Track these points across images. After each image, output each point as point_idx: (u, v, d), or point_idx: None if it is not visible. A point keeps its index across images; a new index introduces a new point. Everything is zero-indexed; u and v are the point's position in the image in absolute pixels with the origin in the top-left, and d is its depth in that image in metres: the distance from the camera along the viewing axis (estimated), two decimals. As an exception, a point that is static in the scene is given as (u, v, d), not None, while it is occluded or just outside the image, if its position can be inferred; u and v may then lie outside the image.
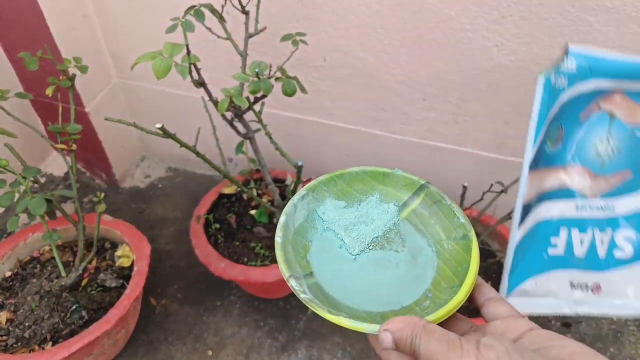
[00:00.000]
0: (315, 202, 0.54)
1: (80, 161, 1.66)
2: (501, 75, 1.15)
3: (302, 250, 0.50)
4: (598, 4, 0.98)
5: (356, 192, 0.57)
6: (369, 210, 0.55)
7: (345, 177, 0.58)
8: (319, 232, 0.52)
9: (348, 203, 0.55)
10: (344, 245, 0.51)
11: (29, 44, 1.27)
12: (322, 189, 0.55)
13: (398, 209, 0.55)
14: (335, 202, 0.55)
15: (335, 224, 0.53)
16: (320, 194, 0.55)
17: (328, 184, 0.56)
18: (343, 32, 1.18)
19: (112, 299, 1.18)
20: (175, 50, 0.76)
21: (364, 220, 0.53)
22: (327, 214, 0.53)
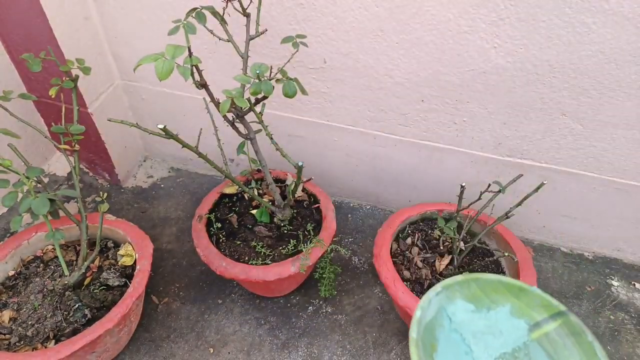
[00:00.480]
0: (447, 300, 0.55)
1: (83, 161, 1.68)
2: (498, 76, 1.16)
3: (430, 349, 0.51)
4: (595, 6, 0.99)
5: (487, 299, 0.56)
6: (499, 321, 0.54)
7: (480, 282, 0.57)
8: (445, 332, 0.53)
9: (477, 307, 0.55)
10: (471, 354, 0.51)
11: (33, 46, 1.28)
12: (455, 288, 0.56)
13: (529, 328, 0.53)
14: (465, 304, 0.56)
15: (463, 327, 0.53)
16: (452, 292, 0.56)
17: (462, 284, 0.56)
18: (342, 34, 1.20)
19: (114, 297, 1.19)
20: (177, 52, 0.77)
21: (492, 331, 0.53)
22: (456, 315, 0.54)
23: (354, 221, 1.64)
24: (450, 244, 1.30)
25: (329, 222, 1.28)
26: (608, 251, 1.55)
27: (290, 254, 1.23)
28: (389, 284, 1.16)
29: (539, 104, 1.19)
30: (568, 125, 1.21)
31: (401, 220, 1.31)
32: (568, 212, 1.46)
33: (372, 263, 1.50)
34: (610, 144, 1.23)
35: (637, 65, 1.05)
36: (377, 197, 1.65)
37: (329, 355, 1.28)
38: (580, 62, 1.08)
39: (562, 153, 1.28)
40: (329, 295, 1.40)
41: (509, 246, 1.24)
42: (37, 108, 1.52)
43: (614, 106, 1.14)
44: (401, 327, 1.34)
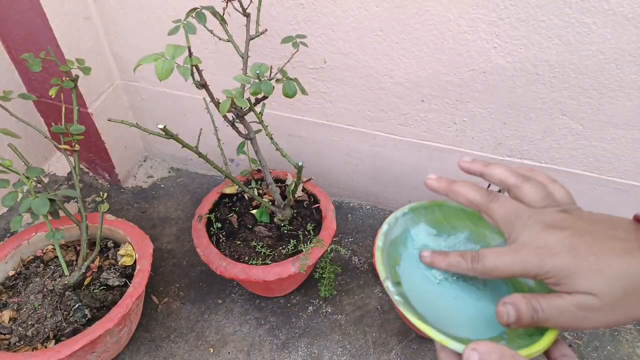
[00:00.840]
0: (412, 222, 0.58)
1: (83, 161, 1.68)
2: (499, 76, 1.16)
3: (393, 261, 0.53)
4: (595, 6, 0.99)
5: (448, 225, 0.59)
6: (456, 245, 0.57)
7: (443, 209, 0.60)
8: (408, 250, 0.56)
9: (439, 232, 0.58)
10: (429, 271, 0.54)
11: (32, 46, 1.28)
12: (421, 212, 0.58)
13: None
14: (428, 228, 0.58)
15: (424, 247, 0.56)
16: (418, 216, 0.58)
17: (428, 209, 0.59)
18: (342, 34, 1.20)
19: (114, 297, 1.19)
20: (177, 52, 0.77)
21: None
22: (419, 236, 0.57)
23: (354, 221, 1.64)
24: (450, 244, 1.30)
25: (329, 222, 1.28)
26: (608, 251, 1.55)
27: (290, 254, 1.23)
28: (389, 284, 1.15)
29: (539, 104, 1.19)
30: (568, 125, 1.21)
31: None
32: (568, 212, 1.45)
33: (372, 263, 1.50)
34: (610, 144, 1.23)
35: (637, 65, 1.05)
36: (377, 197, 1.65)
37: (329, 355, 1.28)
38: (580, 62, 1.08)
39: (562, 153, 1.28)
40: (329, 295, 1.41)
41: (509, 246, 1.24)
42: (37, 108, 1.52)
43: (614, 106, 1.14)
44: (401, 327, 1.34)
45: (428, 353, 1.29)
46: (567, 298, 0.40)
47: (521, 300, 0.43)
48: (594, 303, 0.38)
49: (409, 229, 0.58)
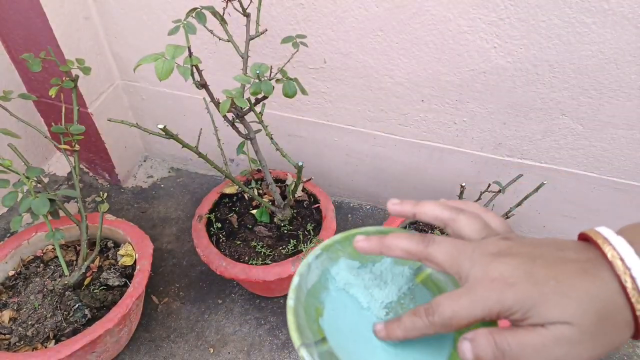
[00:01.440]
0: (329, 261, 0.52)
1: (83, 161, 1.68)
2: (498, 76, 1.16)
3: (315, 314, 0.47)
4: (595, 6, 0.99)
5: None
6: (383, 272, 0.52)
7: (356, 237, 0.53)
8: (331, 294, 0.50)
9: (362, 263, 0.52)
10: (359, 309, 0.49)
11: (32, 46, 1.28)
12: (336, 247, 0.52)
13: (413, 273, 0.52)
14: (349, 262, 0.52)
15: (349, 285, 0.51)
16: (334, 253, 0.52)
17: (343, 243, 0.52)
18: (342, 34, 1.20)
19: (114, 297, 1.19)
20: (177, 52, 0.77)
21: (378, 284, 0.51)
22: (340, 274, 0.51)
23: (354, 221, 1.64)
24: (450, 244, 1.30)
25: (329, 222, 1.28)
26: (608, 251, 1.55)
27: (290, 254, 1.23)
28: (389, 284, 1.15)
29: (539, 104, 1.19)
30: (568, 125, 1.21)
31: (401, 220, 1.31)
32: (568, 212, 1.46)
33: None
34: (610, 144, 1.23)
35: (637, 65, 1.05)
36: (377, 197, 1.65)
37: (329, 355, 1.28)
38: (580, 62, 1.08)
39: (562, 153, 1.28)
40: (329, 295, 1.40)
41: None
42: (37, 108, 1.52)
43: (614, 106, 1.14)
44: (401, 327, 1.34)
45: (428, 353, 1.29)
46: (543, 332, 0.34)
47: (484, 337, 0.36)
48: (572, 334, 0.33)
49: (328, 269, 0.51)
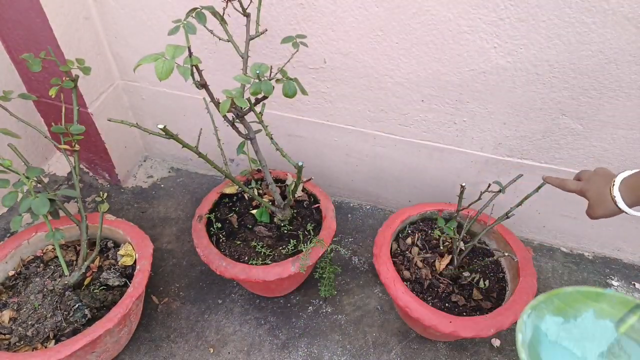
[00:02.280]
0: (538, 319, 0.62)
1: (83, 161, 1.68)
2: (498, 76, 1.16)
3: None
4: (595, 6, 0.99)
5: (572, 309, 0.64)
6: (588, 326, 0.61)
7: (560, 296, 0.64)
8: (546, 346, 0.59)
9: (565, 319, 0.63)
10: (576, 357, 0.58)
11: (32, 46, 1.28)
12: (542, 307, 0.63)
13: (615, 325, 0.61)
14: (555, 318, 0.63)
15: (560, 339, 0.60)
16: (540, 311, 0.63)
17: (546, 303, 0.63)
18: (343, 34, 1.20)
19: (114, 297, 1.19)
20: (177, 52, 0.77)
21: (586, 336, 0.60)
22: (550, 330, 0.61)
23: (354, 221, 1.64)
24: (450, 244, 1.30)
25: (329, 222, 1.28)
26: (608, 251, 1.55)
27: (290, 254, 1.23)
28: (389, 284, 1.16)
29: (539, 104, 1.19)
30: (568, 125, 1.21)
31: (401, 220, 1.31)
32: (568, 212, 1.46)
33: (372, 263, 1.50)
34: (610, 144, 1.23)
35: (637, 65, 1.05)
36: (377, 197, 1.65)
37: (329, 355, 1.28)
38: (580, 62, 1.08)
39: (562, 153, 1.28)
40: (329, 295, 1.41)
41: (508, 246, 1.24)
42: (37, 108, 1.52)
43: (614, 106, 1.14)
44: (401, 327, 1.34)
45: (428, 353, 1.29)
46: None
47: None
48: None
49: (538, 326, 0.62)
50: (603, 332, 0.61)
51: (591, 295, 0.64)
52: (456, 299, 1.19)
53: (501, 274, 1.27)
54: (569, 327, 0.62)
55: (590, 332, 0.61)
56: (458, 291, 1.22)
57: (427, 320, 1.09)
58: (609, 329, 0.61)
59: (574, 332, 0.61)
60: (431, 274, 1.24)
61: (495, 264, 1.28)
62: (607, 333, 0.60)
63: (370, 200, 1.68)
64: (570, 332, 0.61)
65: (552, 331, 0.61)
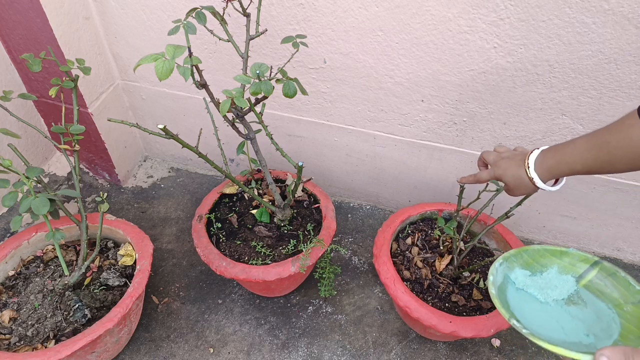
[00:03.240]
0: (508, 269, 0.71)
1: (83, 161, 1.68)
2: (498, 76, 1.16)
3: (506, 304, 0.66)
4: (595, 6, 0.99)
5: (538, 265, 0.73)
6: (551, 279, 0.71)
7: (529, 252, 0.73)
8: (513, 292, 0.69)
9: (532, 272, 0.72)
10: (539, 302, 0.68)
11: (32, 46, 1.28)
12: (512, 259, 0.72)
13: (576, 280, 0.70)
14: (523, 271, 0.72)
15: (526, 286, 0.70)
16: (511, 263, 0.72)
17: (516, 256, 0.72)
18: (342, 34, 1.20)
19: (114, 297, 1.19)
20: (177, 52, 0.77)
21: (549, 286, 0.70)
22: (518, 279, 0.71)
23: (354, 221, 1.64)
24: (450, 244, 1.30)
25: (329, 222, 1.28)
26: (608, 251, 1.55)
27: (290, 254, 1.23)
28: (389, 284, 1.16)
29: (539, 104, 1.19)
30: (568, 125, 1.21)
31: (401, 220, 1.31)
32: (568, 212, 1.46)
33: (372, 263, 1.50)
34: (610, 144, 1.23)
35: (637, 65, 1.05)
36: (377, 197, 1.65)
37: (329, 355, 1.28)
38: (580, 62, 1.08)
39: (562, 153, 1.28)
40: (329, 295, 1.41)
41: (508, 246, 1.24)
42: (37, 108, 1.52)
43: (614, 106, 1.14)
44: (401, 327, 1.34)
45: (428, 353, 1.29)
46: None
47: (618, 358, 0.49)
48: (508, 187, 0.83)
49: (508, 275, 0.71)
50: (565, 284, 0.70)
51: (556, 253, 0.73)
52: (456, 299, 1.19)
53: (501, 274, 1.26)
54: (535, 278, 0.71)
55: (553, 283, 0.70)
56: (458, 291, 1.22)
57: (427, 320, 1.09)
58: (570, 282, 0.70)
59: (539, 282, 0.70)
60: (431, 274, 1.24)
61: (495, 264, 1.28)
62: (568, 285, 0.70)
63: (370, 200, 1.68)
64: (535, 282, 0.70)
65: (519, 280, 0.70)
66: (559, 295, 0.69)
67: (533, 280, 0.71)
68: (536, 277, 0.71)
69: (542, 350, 1.13)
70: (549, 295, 0.69)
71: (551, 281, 0.71)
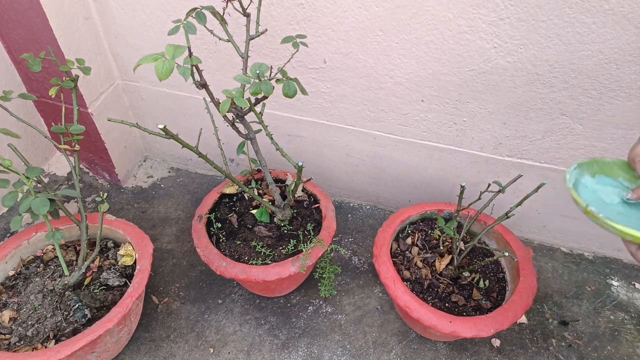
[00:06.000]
0: (579, 174, 0.78)
1: (83, 161, 1.68)
2: (498, 76, 1.16)
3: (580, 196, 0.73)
4: (595, 6, 0.99)
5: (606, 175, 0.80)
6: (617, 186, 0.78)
7: (599, 163, 0.79)
8: (584, 193, 0.76)
9: (599, 182, 0.79)
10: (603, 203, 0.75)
11: (32, 46, 1.28)
12: (584, 167, 0.79)
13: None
14: (591, 179, 0.79)
15: (596, 191, 0.77)
16: (582, 170, 0.79)
17: (588, 165, 0.79)
18: (342, 34, 1.20)
19: (114, 297, 1.19)
20: (177, 52, 0.77)
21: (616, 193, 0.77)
22: (588, 184, 0.78)
23: (354, 221, 1.64)
24: (450, 244, 1.30)
25: (329, 222, 1.28)
26: (608, 251, 1.55)
27: (290, 254, 1.23)
28: (389, 284, 1.16)
29: (539, 104, 1.19)
30: (568, 125, 1.21)
31: (401, 220, 1.31)
32: (568, 212, 1.46)
33: (372, 263, 1.50)
34: (610, 144, 1.23)
35: (637, 65, 1.05)
36: (377, 197, 1.65)
37: (329, 355, 1.28)
38: (580, 62, 1.08)
39: (562, 153, 1.28)
40: (329, 295, 1.41)
41: (508, 246, 1.24)
42: (37, 108, 1.52)
43: (614, 106, 1.14)
44: (401, 327, 1.34)
45: (428, 353, 1.29)
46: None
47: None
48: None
49: (579, 179, 0.78)
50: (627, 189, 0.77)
51: (624, 167, 0.79)
52: (456, 299, 1.19)
53: (501, 274, 1.27)
54: (603, 186, 0.78)
55: (619, 189, 0.77)
56: (458, 291, 1.22)
57: (427, 320, 1.09)
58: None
59: (607, 189, 0.77)
60: (431, 274, 1.24)
61: (495, 264, 1.28)
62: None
63: (370, 200, 1.68)
64: (604, 189, 0.77)
65: (589, 185, 0.78)
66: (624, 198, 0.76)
67: (602, 186, 0.78)
68: (606, 186, 0.78)
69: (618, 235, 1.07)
70: (613, 200, 0.76)
71: (617, 188, 0.77)
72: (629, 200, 0.76)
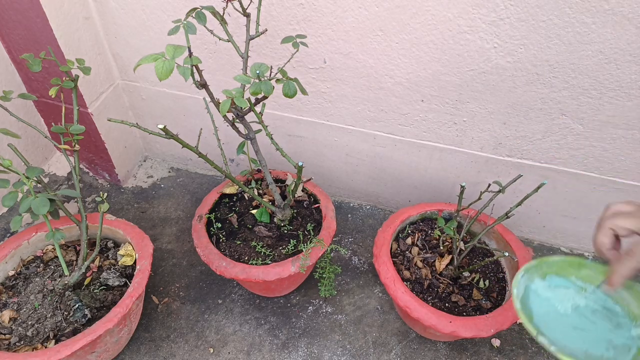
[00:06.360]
0: (529, 280, 0.73)
1: (83, 161, 1.68)
2: (498, 76, 1.16)
3: (529, 315, 0.68)
4: (595, 6, 0.99)
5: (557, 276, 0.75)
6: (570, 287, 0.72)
7: (548, 264, 0.75)
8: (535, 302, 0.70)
9: (549, 285, 0.74)
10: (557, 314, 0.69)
11: (32, 46, 1.28)
12: (532, 271, 0.74)
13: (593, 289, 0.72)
14: (542, 282, 0.74)
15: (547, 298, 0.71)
16: (531, 274, 0.73)
17: (536, 268, 0.74)
18: (342, 34, 1.20)
19: (114, 297, 1.19)
20: (177, 52, 0.77)
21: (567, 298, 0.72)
22: (538, 290, 0.72)
23: (354, 221, 1.64)
24: (450, 244, 1.30)
25: (329, 222, 1.28)
26: (608, 251, 1.55)
27: (290, 254, 1.23)
28: (389, 284, 1.16)
29: (539, 104, 1.19)
30: (568, 125, 1.21)
31: (401, 220, 1.31)
32: (568, 212, 1.46)
33: (372, 263, 1.50)
34: (610, 144, 1.23)
35: (637, 65, 1.05)
36: (377, 197, 1.65)
37: (329, 355, 1.28)
38: (580, 62, 1.08)
39: (562, 153, 1.28)
40: (329, 295, 1.41)
41: (508, 246, 1.24)
42: (37, 108, 1.52)
43: (614, 106, 1.14)
44: (401, 327, 1.34)
45: (428, 353, 1.29)
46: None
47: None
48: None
49: (528, 286, 0.72)
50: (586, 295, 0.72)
51: (574, 265, 0.74)
52: (456, 299, 1.19)
53: (501, 274, 1.27)
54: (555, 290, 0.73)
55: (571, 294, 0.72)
56: (458, 291, 1.22)
57: (427, 320, 1.09)
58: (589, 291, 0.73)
59: (559, 293, 0.72)
60: (431, 274, 1.24)
61: (495, 264, 1.28)
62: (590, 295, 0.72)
63: (370, 200, 1.68)
64: (555, 294, 0.72)
65: (540, 292, 0.72)
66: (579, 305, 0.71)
67: (553, 290, 0.73)
68: (556, 289, 0.73)
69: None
70: (568, 307, 0.71)
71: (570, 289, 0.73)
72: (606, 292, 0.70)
